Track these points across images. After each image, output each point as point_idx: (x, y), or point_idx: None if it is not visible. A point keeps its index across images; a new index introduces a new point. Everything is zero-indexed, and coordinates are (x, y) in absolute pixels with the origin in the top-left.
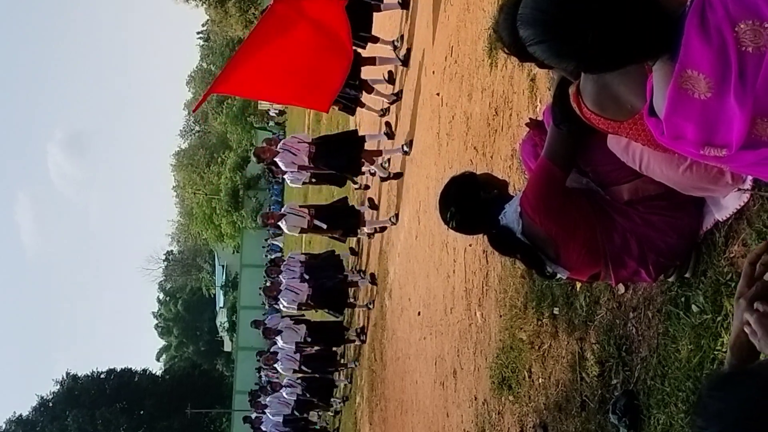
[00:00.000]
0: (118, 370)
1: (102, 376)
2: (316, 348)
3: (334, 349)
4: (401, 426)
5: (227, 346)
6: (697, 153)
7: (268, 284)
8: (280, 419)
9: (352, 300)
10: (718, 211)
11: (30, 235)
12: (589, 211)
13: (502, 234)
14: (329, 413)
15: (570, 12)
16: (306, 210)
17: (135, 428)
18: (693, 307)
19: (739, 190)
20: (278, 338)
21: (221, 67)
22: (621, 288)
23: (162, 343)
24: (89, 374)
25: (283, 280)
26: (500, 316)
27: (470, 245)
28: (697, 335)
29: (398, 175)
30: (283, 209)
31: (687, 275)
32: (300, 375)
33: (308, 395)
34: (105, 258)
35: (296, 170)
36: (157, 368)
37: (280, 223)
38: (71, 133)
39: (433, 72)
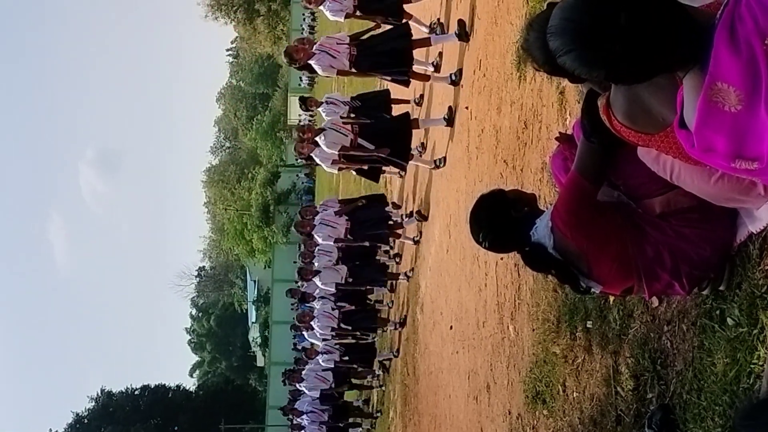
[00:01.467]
0: (152, 387)
1: (136, 392)
2: (355, 307)
3: (373, 301)
4: None
5: (260, 361)
6: (728, 166)
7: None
8: (317, 395)
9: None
10: (751, 223)
11: (62, 253)
12: (620, 224)
13: (535, 251)
14: (375, 386)
15: (598, 19)
16: (349, 127)
17: None
18: (728, 320)
19: None
20: (316, 279)
21: (251, 84)
22: (655, 301)
23: (195, 358)
24: (124, 391)
25: (318, 215)
26: (533, 330)
27: (501, 259)
28: (732, 348)
29: (455, 82)
30: (323, 124)
31: (721, 288)
32: (338, 341)
33: (348, 359)
34: (137, 275)
35: (335, 75)
36: (190, 384)
37: (318, 139)
38: (102, 152)
39: (462, 86)
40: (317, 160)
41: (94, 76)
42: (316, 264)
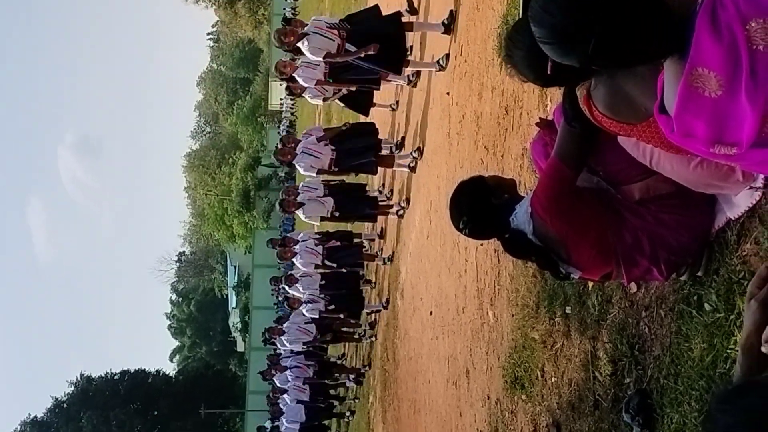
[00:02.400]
0: (132, 371)
1: (116, 377)
2: (341, 241)
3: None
4: (414, 425)
5: (240, 347)
6: (708, 151)
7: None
8: (299, 348)
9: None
10: (730, 210)
11: (42, 238)
12: (599, 210)
13: (515, 237)
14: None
15: (575, 17)
16: (336, 31)
17: (149, 429)
18: (706, 305)
19: (751, 188)
20: (299, 212)
21: (231, 69)
22: (633, 287)
23: (175, 343)
24: (103, 375)
25: (300, 143)
26: (512, 316)
27: (481, 244)
28: (709, 334)
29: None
30: (306, 28)
31: (699, 274)
32: (324, 292)
33: (333, 308)
34: (117, 260)
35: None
36: (170, 369)
37: (300, 45)
38: (82, 136)
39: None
40: (300, 81)
41: (73, 59)
42: (299, 197)
